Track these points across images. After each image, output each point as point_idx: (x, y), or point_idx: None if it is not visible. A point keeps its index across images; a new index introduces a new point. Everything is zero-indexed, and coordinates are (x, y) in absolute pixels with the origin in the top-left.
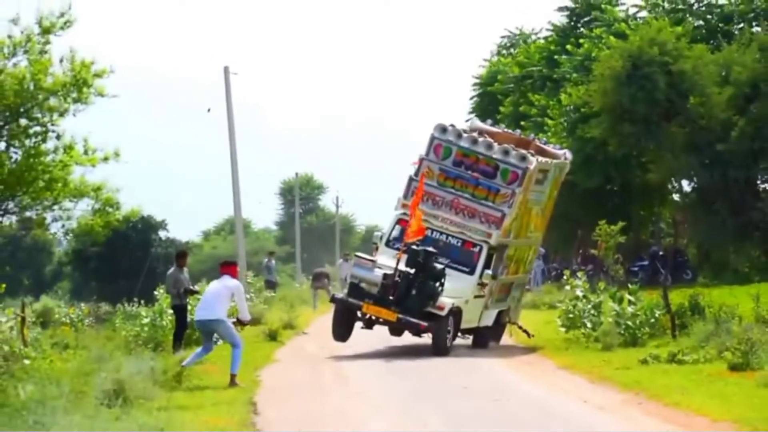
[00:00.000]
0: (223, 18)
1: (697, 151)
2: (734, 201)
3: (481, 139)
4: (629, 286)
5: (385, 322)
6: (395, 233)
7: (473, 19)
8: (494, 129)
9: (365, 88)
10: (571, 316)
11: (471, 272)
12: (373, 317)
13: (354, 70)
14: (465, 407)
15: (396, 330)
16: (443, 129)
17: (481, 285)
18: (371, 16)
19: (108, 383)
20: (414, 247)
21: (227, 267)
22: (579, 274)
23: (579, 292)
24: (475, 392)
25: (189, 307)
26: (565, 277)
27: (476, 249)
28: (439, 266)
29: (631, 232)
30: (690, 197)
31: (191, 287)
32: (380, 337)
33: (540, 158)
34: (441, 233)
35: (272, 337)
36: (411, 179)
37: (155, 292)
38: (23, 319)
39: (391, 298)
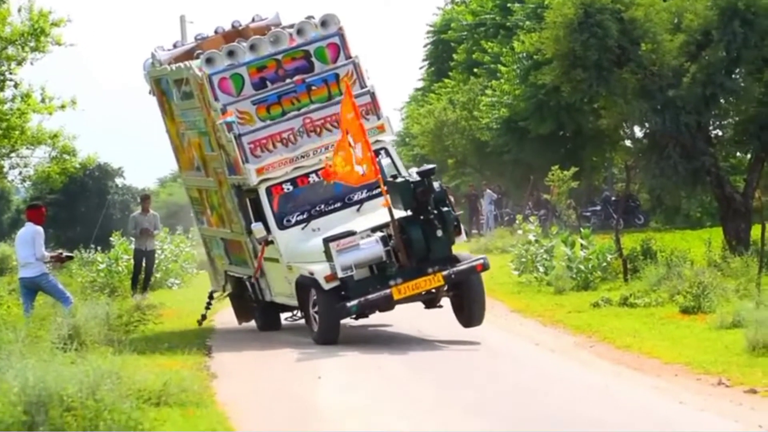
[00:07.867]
0: None
1: (649, 97)
2: (686, 146)
3: (260, 38)
4: (581, 230)
5: (427, 294)
6: None
7: None
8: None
9: None
10: (523, 260)
11: None
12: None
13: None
14: (420, 356)
15: (432, 301)
16: (208, 59)
17: None
18: None
19: (64, 328)
20: (397, 180)
21: (32, 211)
22: (531, 218)
23: (531, 237)
24: (427, 336)
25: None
26: (517, 222)
27: (383, 153)
28: (436, 184)
29: (583, 177)
30: (642, 143)
31: (148, 227)
32: None
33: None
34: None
35: None
36: (238, 137)
37: (111, 239)
38: None
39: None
